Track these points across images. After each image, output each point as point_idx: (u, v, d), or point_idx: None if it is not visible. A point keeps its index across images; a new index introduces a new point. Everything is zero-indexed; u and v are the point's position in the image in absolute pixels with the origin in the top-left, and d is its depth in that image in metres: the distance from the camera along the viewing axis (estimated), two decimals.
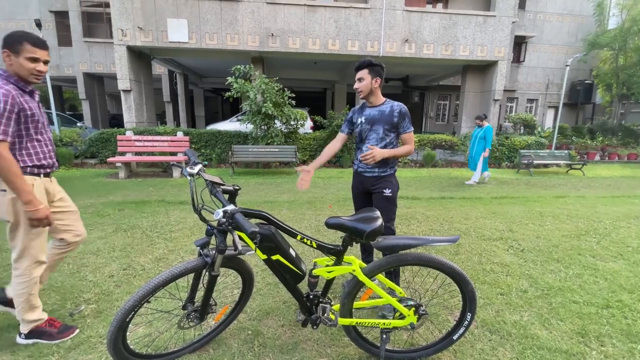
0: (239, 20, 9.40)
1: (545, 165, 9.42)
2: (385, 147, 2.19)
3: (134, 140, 7.37)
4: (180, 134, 8.08)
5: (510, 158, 9.99)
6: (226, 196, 1.40)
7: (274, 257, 1.46)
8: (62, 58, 14.92)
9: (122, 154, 7.43)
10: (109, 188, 5.87)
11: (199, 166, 1.41)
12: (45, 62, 1.71)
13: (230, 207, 1.24)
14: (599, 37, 14.23)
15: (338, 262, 1.53)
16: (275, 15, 9.50)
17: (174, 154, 7.63)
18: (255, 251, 1.43)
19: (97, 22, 14.05)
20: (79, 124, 10.79)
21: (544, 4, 16.51)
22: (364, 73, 2.13)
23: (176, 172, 7.27)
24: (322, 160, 2.30)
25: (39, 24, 7.78)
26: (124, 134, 7.83)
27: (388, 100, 2.23)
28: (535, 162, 8.90)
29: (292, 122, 8.44)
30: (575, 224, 4.25)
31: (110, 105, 20.71)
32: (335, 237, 3.51)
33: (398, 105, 2.17)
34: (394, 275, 2.16)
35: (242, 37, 9.49)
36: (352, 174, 2.44)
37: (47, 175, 1.79)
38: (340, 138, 2.39)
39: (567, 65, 11.26)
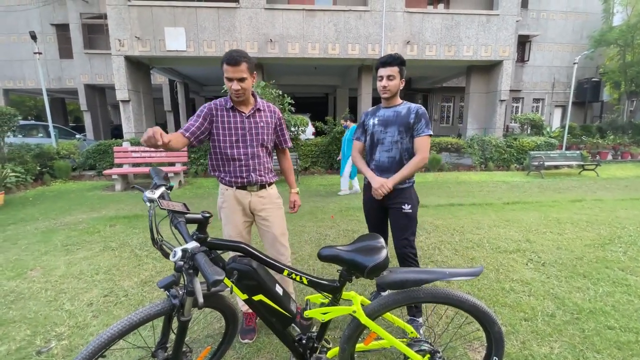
0: (236, 27, 9.26)
1: (557, 167, 9.06)
2: (400, 152, 1.97)
3: (131, 152, 7.19)
4: None
5: (519, 160, 9.65)
6: (194, 227, 1.15)
7: (255, 298, 1.20)
8: (63, 70, 14.95)
9: (119, 165, 7.26)
10: (104, 201, 5.68)
11: (161, 190, 1.16)
12: (240, 80, 1.62)
13: (191, 245, 0.99)
14: (605, 34, 13.89)
15: (335, 300, 1.26)
16: (274, 20, 9.35)
17: (172, 164, 7.43)
18: (233, 290, 1.17)
19: (97, 34, 14.06)
20: (77, 136, 10.68)
21: (546, 2, 16.23)
22: (394, 71, 1.88)
23: (174, 182, 7.05)
24: (367, 171, 2.13)
25: (33, 37, 7.70)
26: (121, 145, 7.67)
27: (405, 102, 2.03)
28: (547, 163, 8.56)
29: (292, 129, 8.22)
30: (597, 231, 3.93)
31: (113, 115, 20.71)
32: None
33: (416, 107, 1.96)
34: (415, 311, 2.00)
35: (240, 43, 9.33)
36: (363, 189, 2.18)
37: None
38: (357, 147, 2.20)
39: (575, 63, 10.93)
